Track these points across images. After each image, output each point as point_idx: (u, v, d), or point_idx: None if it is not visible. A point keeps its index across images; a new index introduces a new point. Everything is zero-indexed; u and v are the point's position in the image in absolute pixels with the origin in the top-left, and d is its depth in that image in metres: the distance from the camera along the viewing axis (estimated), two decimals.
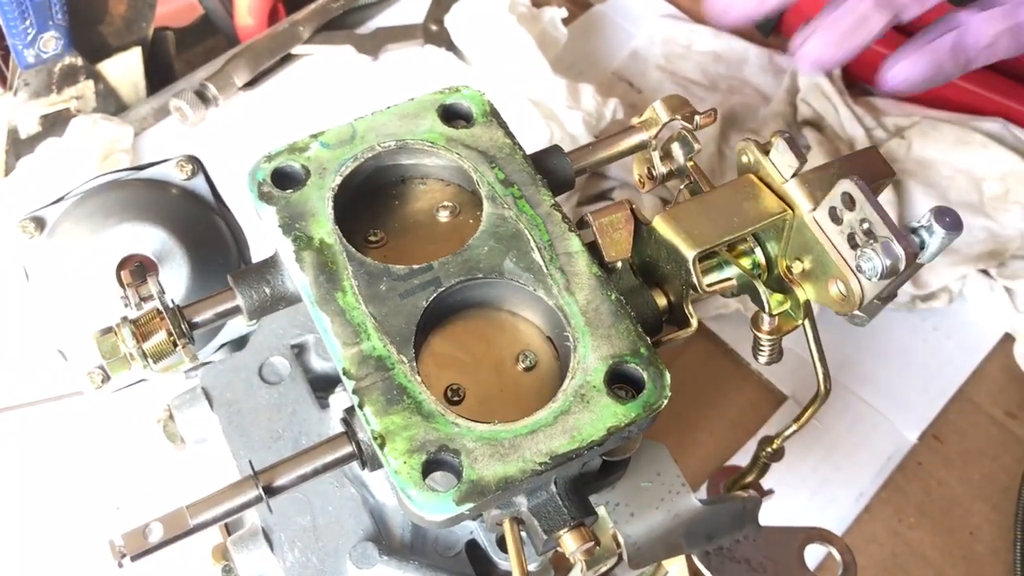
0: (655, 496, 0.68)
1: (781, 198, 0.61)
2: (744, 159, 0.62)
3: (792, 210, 0.60)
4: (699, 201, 0.62)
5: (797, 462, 1.02)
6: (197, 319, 0.59)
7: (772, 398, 1.07)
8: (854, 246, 0.56)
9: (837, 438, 1.04)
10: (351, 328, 0.55)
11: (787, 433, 0.74)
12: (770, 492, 0.82)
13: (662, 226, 0.60)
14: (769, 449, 0.76)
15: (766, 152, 0.61)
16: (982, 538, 0.99)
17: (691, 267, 0.58)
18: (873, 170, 0.62)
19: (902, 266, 0.54)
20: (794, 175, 0.60)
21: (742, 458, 1.00)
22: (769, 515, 0.73)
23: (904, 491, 1.02)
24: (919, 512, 1.01)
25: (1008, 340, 1.11)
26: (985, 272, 1.11)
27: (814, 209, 0.59)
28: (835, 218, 0.57)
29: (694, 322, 0.61)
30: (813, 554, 0.74)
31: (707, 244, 0.59)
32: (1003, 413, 1.07)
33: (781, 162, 0.60)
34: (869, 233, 0.55)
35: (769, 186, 0.61)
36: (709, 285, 0.61)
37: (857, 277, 0.57)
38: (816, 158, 1.10)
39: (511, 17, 1.16)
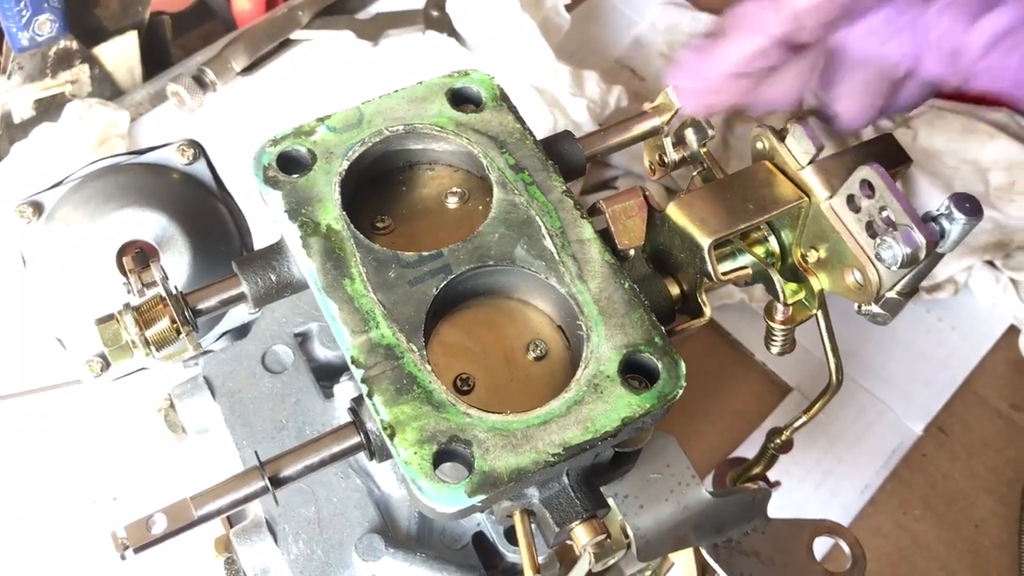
0: (664, 488, 0.67)
1: (797, 185, 0.60)
2: (759, 145, 0.61)
3: (808, 197, 0.59)
4: (714, 188, 0.61)
5: (801, 453, 1.01)
6: (201, 306, 0.57)
7: (777, 389, 1.06)
8: (872, 234, 0.55)
9: (842, 429, 1.03)
10: (359, 316, 0.54)
11: (796, 425, 0.73)
12: (777, 484, 0.81)
13: (676, 213, 0.59)
14: (778, 441, 0.75)
15: (782, 138, 0.60)
16: (988, 531, 0.99)
17: (706, 255, 0.57)
18: (890, 157, 0.61)
19: (923, 254, 0.53)
20: (811, 162, 0.59)
21: (746, 450, 1.00)
22: (773, 507, 0.72)
23: (909, 483, 1.01)
24: (924, 505, 1.00)
25: (1013, 332, 1.10)
26: (991, 263, 1.10)
27: (831, 197, 0.58)
28: (853, 206, 0.56)
29: (707, 311, 0.60)
30: (819, 546, 0.73)
31: (723, 232, 0.58)
32: (1008, 406, 1.07)
33: (797, 148, 0.59)
34: (888, 221, 0.54)
35: (784, 173, 0.60)
36: (724, 273, 0.60)
37: (875, 266, 0.56)
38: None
39: (514, 3, 1.15)
